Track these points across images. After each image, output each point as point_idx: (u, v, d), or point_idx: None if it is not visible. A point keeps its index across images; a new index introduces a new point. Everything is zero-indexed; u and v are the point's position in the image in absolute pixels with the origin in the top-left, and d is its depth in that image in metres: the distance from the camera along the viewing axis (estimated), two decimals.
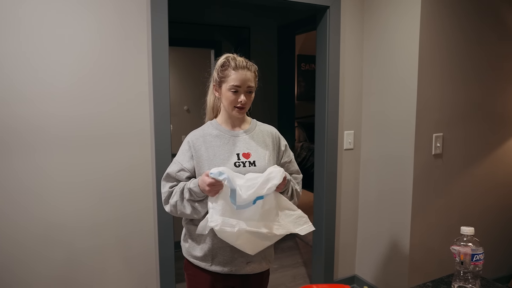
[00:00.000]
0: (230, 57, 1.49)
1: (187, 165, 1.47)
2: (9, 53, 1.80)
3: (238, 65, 1.46)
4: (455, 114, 2.51)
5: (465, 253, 1.10)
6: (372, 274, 2.76)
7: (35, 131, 1.89)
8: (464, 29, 2.45)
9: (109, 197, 2.08)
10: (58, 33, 1.89)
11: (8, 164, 1.85)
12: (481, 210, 2.72)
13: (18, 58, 1.82)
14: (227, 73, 1.46)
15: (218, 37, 3.84)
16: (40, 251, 1.95)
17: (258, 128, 1.59)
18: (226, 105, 1.48)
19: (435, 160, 2.46)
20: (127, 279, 2.17)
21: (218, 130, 1.52)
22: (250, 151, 1.50)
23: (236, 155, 1.47)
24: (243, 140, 1.51)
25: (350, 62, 2.68)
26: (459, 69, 2.48)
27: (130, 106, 2.08)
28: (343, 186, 2.77)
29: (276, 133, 1.61)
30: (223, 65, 1.48)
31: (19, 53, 1.82)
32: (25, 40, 1.83)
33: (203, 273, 1.50)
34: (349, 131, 2.73)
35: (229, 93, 1.45)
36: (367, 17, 2.66)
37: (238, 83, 1.44)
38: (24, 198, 1.90)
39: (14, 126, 1.84)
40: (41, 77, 1.87)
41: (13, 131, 1.84)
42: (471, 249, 1.11)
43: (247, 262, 1.49)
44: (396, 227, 2.51)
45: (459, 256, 1.12)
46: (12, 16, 1.79)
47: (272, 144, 1.56)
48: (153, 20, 2.07)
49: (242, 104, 1.46)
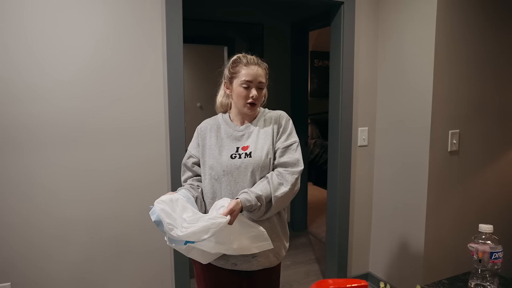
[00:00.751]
0: (241, 55, 1.52)
1: (194, 151, 1.57)
2: (25, 48, 1.84)
3: (249, 61, 1.48)
4: (472, 110, 2.47)
5: (483, 251, 1.09)
6: (386, 271, 2.74)
7: (46, 126, 1.91)
8: (481, 25, 2.41)
9: (126, 189, 2.11)
10: (72, 28, 1.91)
11: (21, 160, 1.89)
12: (499, 208, 2.68)
13: (32, 53, 1.85)
14: (238, 69, 1.48)
15: (231, 34, 3.84)
16: (53, 249, 1.99)
17: (265, 116, 1.55)
18: (237, 101, 1.49)
19: (451, 157, 2.43)
20: (142, 274, 2.20)
21: (227, 125, 1.55)
22: (249, 143, 1.49)
23: (236, 148, 1.50)
24: (247, 134, 1.52)
25: (364, 58, 2.65)
26: (476, 65, 2.43)
27: (144, 101, 2.10)
28: (357, 183, 2.75)
29: (280, 117, 1.54)
30: (234, 61, 1.51)
31: (34, 47, 1.86)
32: (38, 35, 1.86)
33: (209, 269, 1.52)
34: (363, 127, 2.72)
35: (241, 89, 1.46)
36: (382, 13, 2.63)
37: (249, 78, 1.45)
38: (37, 194, 1.93)
39: (24, 122, 1.86)
40: (53, 72, 1.90)
41: (23, 127, 1.87)
42: (490, 247, 1.10)
43: (253, 256, 1.48)
44: (411, 224, 2.49)
45: (477, 254, 1.10)
46: (25, 10, 1.82)
47: (273, 130, 1.51)
48: (167, 16, 2.08)
49: (253, 99, 1.46)
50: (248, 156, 1.46)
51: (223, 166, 1.47)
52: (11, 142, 1.85)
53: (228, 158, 1.47)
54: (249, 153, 1.47)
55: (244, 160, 1.46)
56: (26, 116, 1.86)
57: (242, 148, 1.49)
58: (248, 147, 1.49)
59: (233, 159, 1.47)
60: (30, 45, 1.83)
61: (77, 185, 2.00)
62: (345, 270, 2.78)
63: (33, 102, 1.87)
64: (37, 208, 1.93)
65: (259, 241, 1.38)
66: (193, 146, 1.58)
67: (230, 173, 1.46)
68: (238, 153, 1.48)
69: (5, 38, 1.79)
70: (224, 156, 1.48)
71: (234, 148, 1.49)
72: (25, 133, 1.87)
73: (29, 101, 1.86)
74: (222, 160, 1.48)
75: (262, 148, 1.48)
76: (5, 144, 1.84)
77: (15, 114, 1.84)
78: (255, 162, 1.45)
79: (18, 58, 1.82)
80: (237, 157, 1.47)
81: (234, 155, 1.47)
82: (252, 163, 1.45)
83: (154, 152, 2.15)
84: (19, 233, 1.91)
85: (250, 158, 1.46)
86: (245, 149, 1.49)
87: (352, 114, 2.65)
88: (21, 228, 1.91)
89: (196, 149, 1.57)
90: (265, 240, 1.39)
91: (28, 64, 1.84)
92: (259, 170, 1.46)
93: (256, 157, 1.46)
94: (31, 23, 1.83)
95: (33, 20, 1.83)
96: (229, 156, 1.48)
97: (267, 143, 1.49)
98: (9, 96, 1.83)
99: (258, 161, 1.45)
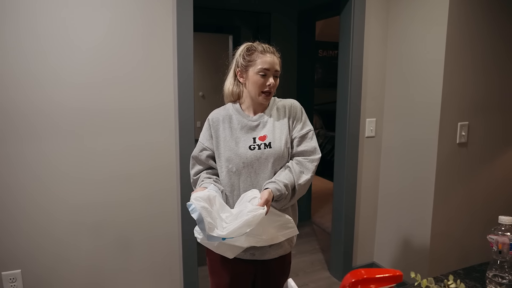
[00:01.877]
0: (255, 42, 1.51)
1: (207, 143, 1.52)
2: (37, 46, 1.82)
3: (265, 49, 1.47)
4: (481, 103, 2.47)
5: (503, 243, 1.10)
6: (391, 262, 2.77)
7: (65, 114, 1.91)
8: (492, 18, 2.39)
9: (134, 174, 2.11)
10: (81, 17, 1.89)
11: (38, 147, 1.88)
12: (505, 200, 2.70)
13: (41, 46, 1.84)
14: (254, 57, 1.46)
15: (237, 22, 3.81)
16: (67, 236, 2.00)
17: (277, 105, 1.55)
18: (253, 90, 1.47)
19: (459, 149, 2.44)
20: (150, 260, 2.21)
21: (240, 115, 1.51)
22: (267, 133, 1.48)
23: (252, 138, 1.47)
24: (262, 123, 1.50)
25: (373, 49, 2.64)
26: (486, 57, 2.43)
27: (154, 88, 2.09)
28: (364, 174, 2.76)
29: (293, 105, 1.55)
30: (249, 49, 1.49)
31: (46, 39, 1.84)
32: (48, 29, 1.84)
33: (225, 259, 1.49)
34: (371, 118, 2.71)
35: (257, 77, 1.45)
36: (393, 4, 2.61)
37: (267, 66, 1.44)
38: (52, 182, 1.94)
39: (27, 113, 1.85)
40: (64, 61, 1.89)
41: (42, 113, 1.87)
42: (509, 239, 1.11)
43: (270, 246, 1.49)
44: (417, 215, 2.51)
45: (497, 245, 1.11)
46: (35, 2, 1.80)
47: (288, 119, 1.52)
48: (178, 6, 2.05)
49: (270, 87, 1.45)
50: (268, 147, 1.46)
51: (243, 158, 1.45)
52: (30, 129, 1.85)
53: (246, 149, 1.45)
54: (269, 143, 1.46)
55: (264, 151, 1.45)
56: (29, 107, 1.85)
57: (259, 139, 1.47)
58: (266, 137, 1.47)
59: (253, 150, 1.45)
60: (45, 39, 1.82)
61: (90, 169, 2.00)
62: (350, 260, 2.80)
63: (54, 87, 1.88)
64: (51, 193, 1.94)
65: (284, 229, 1.41)
66: (206, 138, 1.52)
67: (251, 165, 1.45)
68: (257, 143, 1.46)
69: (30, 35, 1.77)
70: (242, 148, 1.46)
71: (251, 138, 1.47)
72: (44, 120, 1.87)
73: (50, 87, 1.87)
74: (240, 152, 1.45)
75: (280, 138, 1.48)
76: (25, 132, 1.84)
77: (35, 99, 1.84)
78: (275, 153, 1.45)
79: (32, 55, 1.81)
80: (256, 148, 1.45)
81: (253, 146, 1.46)
82: (273, 153, 1.45)
83: (164, 141, 2.15)
84: (32, 218, 1.92)
85: (270, 149, 1.45)
86: (262, 139, 1.47)
87: (360, 105, 2.65)
88: (34, 214, 1.92)
89: (209, 141, 1.51)
90: (292, 227, 1.43)
91: (38, 57, 1.83)
92: (279, 160, 1.47)
93: (276, 147, 1.46)
94: (45, 18, 1.81)
95: (47, 14, 1.81)
96: (247, 148, 1.45)
97: (284, 133, 1.49)
98: (32, 83, 1.82)
99: (279, 152, 1.46)
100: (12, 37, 1.77)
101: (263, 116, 1.51)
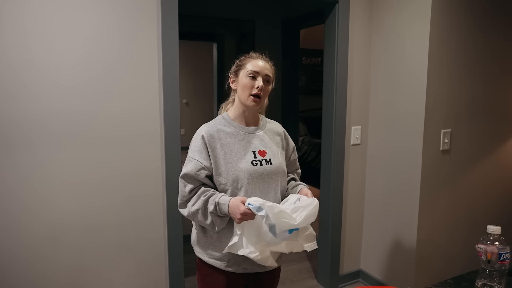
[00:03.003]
0: (251, 52, 1.53)
1: (206, 163, 1.41)
2: (21, 49, 1.77)
3: (258, 56, 1.50)
4: (463, 110, 2.52)
5: (491, 252, 1.10)
6: (378, 269, 2.78)
7: (39, 126, 1.85)
8: (473, 27, 2.45)
9: (120, 179, 2.06)
10: (68, 28, 1.85)
11: (11, 161, 1.82)
12: (487, 205, 2.75)
13: (27, 53, 1.79)
14: (245, 61, 1.48)
15: (220, 30, 3.80)
16: (46, 251, 1.93)
17: (268, 125, 1.58)
18: (243, 93, 1.45)
19: (442, 156, 2.47)
20: (136, 275, 2.16)
21: (232, 126, 1.48)
22: (265, 148, 1.49)
23: (252, 152, 1.45)
24: (257, 137, 1.50)
25: (358, 57, 2.67)
26: (467, 66, 2.48)
27: (139, 100, 2.06)
28: (350, 181, 2.77)
29: (284, 132, 1.64)
30: (242, 56, 1.52)
31: (32, 46, 1.79)
32: (33, 34, 1.79)
33: (217, 273, 1.48)
34: (357, 126, 2.73)
35: (247, 79, 1.44)
36: (376, 12, 2.64)
37: (256, 69, 1.44)
38: (30, 197, 1.87)
39: (18, 122, 1.80)
40: (47, 73, 1.84)
41: (16, 126, 1.80)
42: (498, 248, 1.12)
43: None
44: (403, 222, 2.53)
45: (486, 255, 1.12)
46: (19, 9, 1.75)
47: (281, 142, 1.58)
48: (163, 15, 2.03)
49: (258, 89, 1.42)
50: (269, 163, 1.47)
51: (247, 174, 1.41)
52: (3, 140, 1.78)
53: (249, 164, 1.43)
54: (269, 159, 1.47)
55: (266, 167, 1.45)
56: (19, 115, 1.80)
57: (259, 153, 1.47)
58: (266, 152, 1.48)
59: (255, 166, 1.43)
60: (30, 46, 1.77)
61: (69, 187, 1.94)
62: (337, 267, 2.80)
63: (28, 102, 1.81)
64: (29, 210, 1.87)
65: (309, 240, 1.43)
66: (204, 158, 1.41)
67: (256, 181, 1.43)
68: (258, 159, 1.45)
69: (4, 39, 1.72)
70: (245, 163, 1.42)
71: (251, 153, 1.45)
72: (18, 132, 1.80)
73: (23, 100, 1.80)
74: (243, 167, 1.42)
75: (277, 155, 1.52)
76: None
77: (9, 112, 1.78)
78: (276, 170, 1.48)
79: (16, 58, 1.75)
80: (258, 164, 1.44)
81: (255, 162, 1.44)
82: (275, 170, 1.48)
83: (150, 158, 2.11)
84: (18, 219, 1.85)
85: (271, 165, 1.47)
86: (262, 154, 1.47)
87: (346, 113, 2.67)
88: (14, 229, 1.85)
89: (207, 160, 1.41)
90: (313, 240, 1.44)
91: (25, 63, 1.78)
92: (282, 176, 1.53)
93: (276, 164, 1.49)
94: (30, 24, 1.76)
95: (32, 20, 1.77)
96: (250, 163, 1.43)
97: (279, 150, 1.55)
98: (4, 95, 1.76)
99: (279, 168, 1.50)
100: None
101: (258, 129, 1.51)
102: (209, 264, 1.49)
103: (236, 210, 1.30)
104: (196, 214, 1.40)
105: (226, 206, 1.34)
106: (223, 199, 1.36)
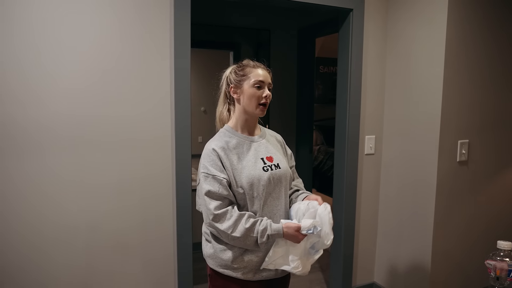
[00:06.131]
0: (245, 60, 1.55)
1: (223, 175, 1.42)
2: (29, 53, 1.82)
3: (256, 64, 1.53)
4: (481, 120, 2.44)
5: (501, 268, 1.06)
6: (391, 283, 2.70)
7: (46, 131, 1.89)
8: (493, 35, 2.38)
9: (131, 182, 2.08)
10: (76, 32, 1.90)
11: (21, 165, 1.87)
12: (509, 222, 2.64)
13: (37, 58, 1.84)
14: (247, 72, 1.49)
15: (237, 39, 3.82)
16: (56, 253, 1.97)
17: (268, 133, 1.65)
18: (250, 103, 1.48)
19: (460, 167, 2.40)
20: (145, 280, 2.17)
21: (237, 137, 1.51)
22: (271, 154, 1.53)
23: (260, 159, 1.49)
24: (262, 144, 1.55)
25: (372, 66, 2.63)
26: (486, 75, 2.41)
27: (150, 106, 2.09)
28: (363, 192, 2.72)
29: (282, 140, 1.70)
30: (240, 66, 1.53)
31: (42, 51, 1.84)
32: (41, 39, 1.84)
33: (232, 282, 1.48)
34: (370, 135, 2.69)
35: (253, 89, 1.47)
36: (391, 20, 2.61)
37: (262, 78, 1.48)
38: (40, 201, 1.91)
39: (25, 126, 1.85)
40: (56, 78, 1.89)
41: (24, 131, 1.85)
42: (508, 264, 1.07)
43: None
44: (418, 236, 2.45)
45: (495, 271, 1.07)
46: (33, 14, 1.81)
47: (281, 148, 1.66)
48: (176, 23, 2.06)
49: (266, 98, 1.48)
50: (277, 167, 1.51)
51: (262, 181, 1.45)
52: (11, 144, 1.83)
53: (261, 171, 1.46)
54: (277, 164, 1.52)
55: (276, 171, 1.50)
56: (26, 120, 1.84)
57: (267, 159, 1.51)
58: (272, 158, 1.53)
59: (266, 171, 1.48)
60: (38, 47, 1.82)
61: (80, 191, 1.98)
62: (350, 279, 2.74)
63: (35, 107, 1.85)
64: (41, 213, 1.91)
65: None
66: (220, 170, 1.42)
67: (268, 186, 1.47)
68: (268, 164, 1.50)
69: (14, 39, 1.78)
70: (258, 170, 1.46)
71: (259, 159, 1.49)
72: (25, 137, 1.85)
73: (31, 105, 1.84)
74: (257, 174, 1.45)
75: (282, 159, 1.57)
76: (7, 146, 1.83)
77: (17, 117, 1.83)
78: (284, 172, 1.53)
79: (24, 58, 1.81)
80: (269, 169, 1.48)
81: (266, 168, 1.48)
82: (283, 174, 1.53)
83: (160, 162, 2.13)
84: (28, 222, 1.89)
85: (280, 169, 1.52)
86: (270, 159, 1.52)
87: (359, 122, 2.63)
88: (23, 230, 1.89)
89: (223, 172, 1.43)
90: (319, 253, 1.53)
91: (33, 67, 1.83)
92: (289, 180, 1.58)
93: (283, 168, 1.54)
94: (38, 27, 1.82)
95: (41, 24, 1.82)
96: (261, 169, 1.47)
97: (283, 156, 1.60)
98: (12, 99, 1.81)
99: (287, 172, 1.56)
100: (5, 47, 1.77)
101: (260, 137, 1.57)
102: (223, 275, 1.48)
103: (294, 240, 1.43)
104: (235, 240, 1.40)
105: (281, 235, 1.42)
106: (275, 229, 1.41)
